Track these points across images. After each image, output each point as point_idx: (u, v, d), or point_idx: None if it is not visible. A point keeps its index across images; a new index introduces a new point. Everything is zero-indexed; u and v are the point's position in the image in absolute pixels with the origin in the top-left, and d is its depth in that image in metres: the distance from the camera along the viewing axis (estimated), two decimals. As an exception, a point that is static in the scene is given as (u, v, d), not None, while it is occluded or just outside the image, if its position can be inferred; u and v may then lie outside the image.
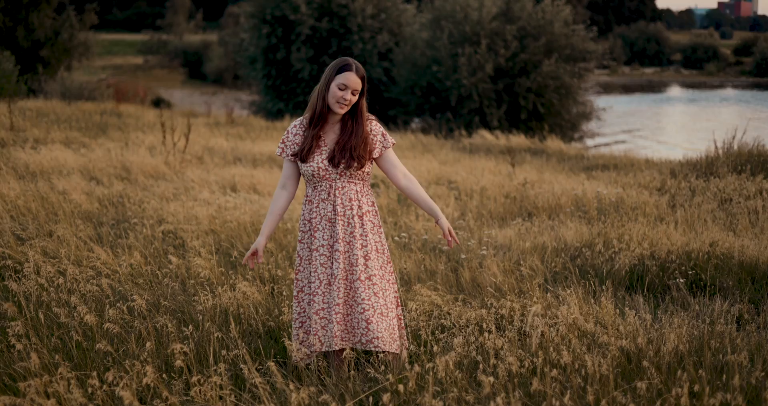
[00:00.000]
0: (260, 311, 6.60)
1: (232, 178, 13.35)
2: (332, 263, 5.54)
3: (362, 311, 5.46)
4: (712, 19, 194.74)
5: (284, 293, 7.17)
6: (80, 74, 48.00)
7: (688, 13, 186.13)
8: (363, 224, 5.59)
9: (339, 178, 5.57)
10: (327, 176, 5.56)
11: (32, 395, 4.37)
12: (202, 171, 14.28)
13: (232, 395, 4.69)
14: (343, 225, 5.56)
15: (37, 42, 44.65)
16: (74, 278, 7.10)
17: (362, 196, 5.64)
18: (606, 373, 4.81)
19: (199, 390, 4.65)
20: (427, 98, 33.16)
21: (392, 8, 37.19)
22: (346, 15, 36.11)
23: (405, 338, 5.74)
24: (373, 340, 5.41)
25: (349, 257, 5.55)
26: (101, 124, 21.93)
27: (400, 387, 4.42)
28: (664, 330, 5.83)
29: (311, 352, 5.56)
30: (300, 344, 5.55)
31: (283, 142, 5.68)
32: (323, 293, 5.53)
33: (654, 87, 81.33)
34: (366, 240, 5.58)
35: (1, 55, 36.14)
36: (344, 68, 5.55)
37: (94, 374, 4.52)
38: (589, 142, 33.95)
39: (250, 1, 37.50)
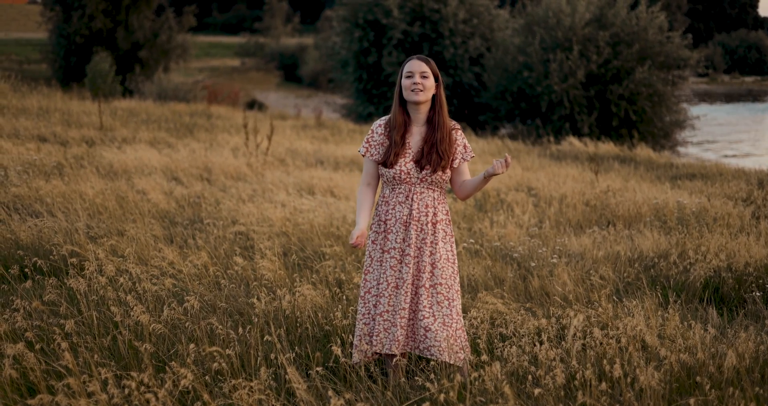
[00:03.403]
0: (319, 314, 6.56)
1: (311, 181, 13.36)
2: (402, 267, 5.50)
3: (422, 318, 5.43)
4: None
5: (346, 297, 7.11)
6: (177, 76, 48.76)
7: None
8: (435, 232, 5.54)
9: (419, 183, 5.55)
10: (408, 180, 5.53)
11: (63, 394, 4.38)
12: (282, 173, 14.33)
13: (272, 400, 4.64)
14: (416, 230, 5.52)
15: (136, 43, 45.61)
16: (137, 276, 7.14)
17: (438, 203, 5.60)
18: (657, 388, 4.65)
19: (240, 394, 4.61)
20: (518, 104, 32.90)
21: (484, 13, 36.96)
22: (438, 20, 35.99)
23: (468, 348, 5.65)
24: (430, 347, 5.36)
25: (417, 263, 5.52)
26: (189, 125, 22.18)
27: (441, 397, 4.33)
28: (722, 345, 5.64)
29: (371, 353, 5.51)
30: (360, 344, 5.51)
31: (368, 141, 5.67)
32: (390, 295, 5.50)
33: (754, 96, 79.54)
34: (435, 248, 5.53)
35: (99, 55, 36.92)
36: (407, 60, 5.60)
37: (134, 374, 4.52)
38: (681, 150, 33.30)
39: (343, 5, 37.60)
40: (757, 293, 7.59)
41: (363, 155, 5.66)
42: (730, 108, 63.17)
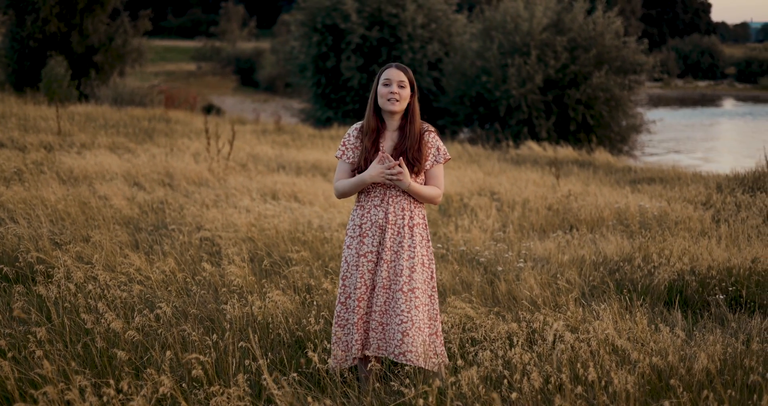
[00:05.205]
0: (290, 320, 6.55)
1: (274, 186, 13.33)
2: (379, 271, 5.50)
3: (399, 322, 5.42)
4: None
5: (316, 302, 7.10)
6: (133, 80, 48.34)
7: (743, 26, 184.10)
8: (413, 236, 5.54)
9: (393, 187, 5.52)
10: (382, 183, 5.51)
11: (43, 403, 4.35)
12: (244, 178, 14.29)
13: (250, 406, 4.64)
14: (392, 234, 5.52)
15: (91, 47, 45.03)
16: (105, 283, 7.09)
17: (415, 207, 5.60)
18: (632, 391, 4.70)
19: (218, 401, 4.60)
20: (476, 108, 33.04)
21: (443, 18, 37.10)
22: (396, 24, 36.08)
23: (444, 354, 5.66)
24: (406, 353, 5.35)
25: (394, 266, 5.51)
26: (148, 130, 22.04)
27: (420, 402, 4.34)
28: (695, 348, 5.70)
29: (351, 358, 5.51)
30: (336, 350, 5.51)
31: (344, 145, 5.68)
32: (367, 299, 5.51)
33: (707, 100, 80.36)
34: (414, 252, 5.53)
35: (54, 59, 36.52)
36: (385, 67, 5.65)
37: (111, 382, 4.49)
38: (638, 154, 33.59)
39: (301, 10, 37.57)
40: (721, 296, 7.67)
41: (339, 158, 5.67)
42: (683, 112, 63.75)
